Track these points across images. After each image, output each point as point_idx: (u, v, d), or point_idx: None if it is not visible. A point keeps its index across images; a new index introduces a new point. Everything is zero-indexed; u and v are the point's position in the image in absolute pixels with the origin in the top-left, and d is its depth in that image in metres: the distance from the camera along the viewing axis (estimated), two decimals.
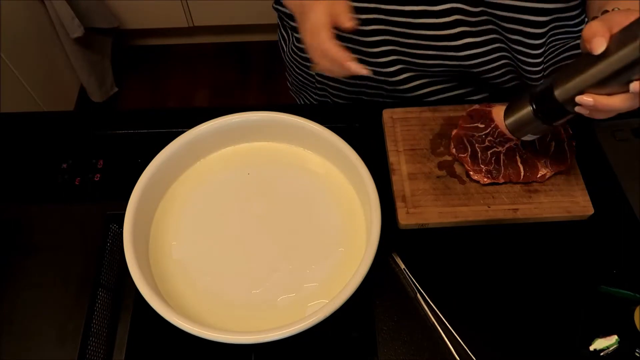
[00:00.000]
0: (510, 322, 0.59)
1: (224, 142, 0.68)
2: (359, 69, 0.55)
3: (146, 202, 0.60)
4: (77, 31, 1.58)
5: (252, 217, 0.63)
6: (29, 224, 0.64)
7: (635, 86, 0.44)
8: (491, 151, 0.67)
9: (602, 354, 0.57)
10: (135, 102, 1.91)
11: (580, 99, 0.49)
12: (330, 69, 0.57)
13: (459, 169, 0.68)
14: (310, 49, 0.57)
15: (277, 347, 0.57)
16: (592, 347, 0.57)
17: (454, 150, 0.68)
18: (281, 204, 0.64)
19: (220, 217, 0.63)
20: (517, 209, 0.65)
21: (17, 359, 0.55)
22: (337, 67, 0.56)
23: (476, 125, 0.69)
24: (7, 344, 0.56)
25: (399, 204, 0.65)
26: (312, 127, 0.64)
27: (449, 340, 0.57)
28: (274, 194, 0.65)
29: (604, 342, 0.57)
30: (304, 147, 0.68)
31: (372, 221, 0.56)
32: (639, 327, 0.57)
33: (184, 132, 0.63)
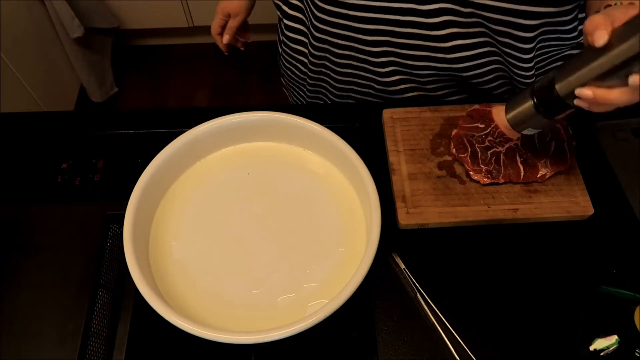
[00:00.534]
0: (510, 322, 0.59)
1: (224, 142, 0.68)
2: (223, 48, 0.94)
3: (146, 202, 0.60)
4: (77, 31, 1.58)
5: (252, 217, 0.63)
6: (29, 224, 0.64)
7: (634, 79, 0.44)
8: (491, 151, 0.67)
9: (602, 354, 0.57)
10: (135, 102, 1.91)
11: (579, 92, 0.49)
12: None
13: (459, 169, 0.68)
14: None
15: (277, 347, 0.57)
16: (592, 347, 0.57)
17: (454, 150, 0.68)
18: (281, 204, 0.64)
19: (220, 217, 0.63)
20: (517, 209, 0.65)
21: (17, 359, 0.55)
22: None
23: (476, 125, 0.69)
24: (7, 344, 0.56)
25: (399, 204, 0.65)
26: (312, 127, 0.64)
27: (449, 340, 0.57)
28: (274, 194, 0.65)
29: (604, 342, 0.57)
30: (304, 147, 0.68)
31: (372, 221, 0.56)
32: (639, 327, 0.57)
33: (184, 132, 0.63)
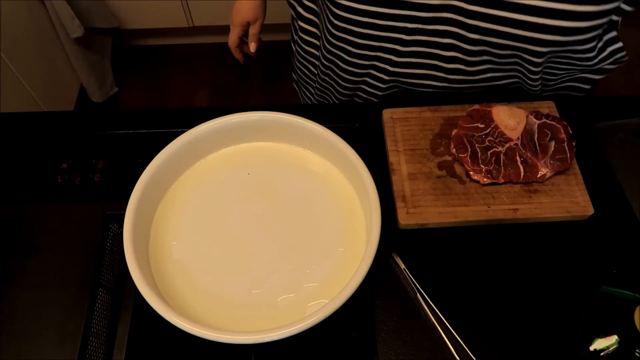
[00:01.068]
0: (510, 322, 0.59)
1: (224, 142, 0.68)
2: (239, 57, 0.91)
3: (146, 202, 0.60)
4: (77, 31, 1.58)
5: (252, 217, 0.63)
6: (29, 224, 0.64)
7: None
8: (491, 151, 0.67)
9: (602, 354, 0.57)
10: (135, 102, 1.91)
11: None
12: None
13: (459, 169, 0.68)
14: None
15: (277, 347, 0.57)
16: (592, 347, 0.57)
17: (454, 150, 0.68)
18: (281, 204, 0.64)
19: (220, 217, 0.63)
20: (517, 209, 0.65)
21: (17, 359, 0.55)
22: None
23: (476, 125, 0.69)
24: (7, 344, 0.56)
25: (399, 204, 0.65)
26: (312, 127, 0.64)
27: (449, 340, 0.57)
28: (274, 194, 0.65)
29: (604, 342, 0.57)
30: (304, 147, 0.68)
31: (372, 221, 0.56)
32: (639, 327, 0.57)
33: (184, 132, 0.63)
